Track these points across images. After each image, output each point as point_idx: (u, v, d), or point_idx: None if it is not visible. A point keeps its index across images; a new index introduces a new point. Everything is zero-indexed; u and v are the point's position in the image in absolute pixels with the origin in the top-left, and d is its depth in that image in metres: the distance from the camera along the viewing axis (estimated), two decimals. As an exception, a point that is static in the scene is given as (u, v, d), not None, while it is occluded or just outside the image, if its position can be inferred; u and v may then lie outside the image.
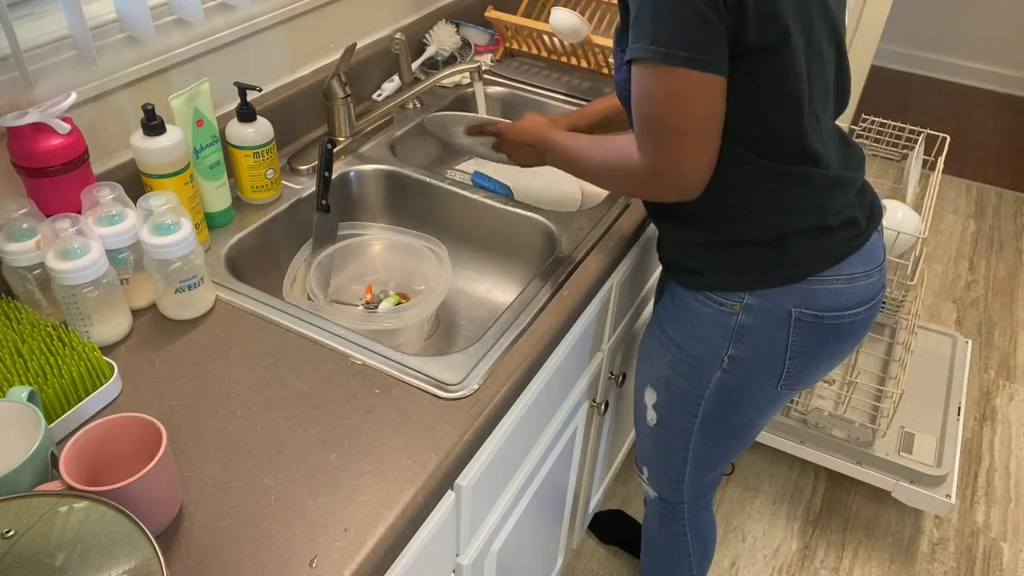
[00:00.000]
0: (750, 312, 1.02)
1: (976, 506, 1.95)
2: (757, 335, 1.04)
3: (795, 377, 1.08)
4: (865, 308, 1.05)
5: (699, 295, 1.06)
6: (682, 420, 1.16)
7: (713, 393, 1.10)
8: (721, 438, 1.17)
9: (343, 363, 0.90)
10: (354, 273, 1.20)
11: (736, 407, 1.12)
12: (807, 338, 1.03)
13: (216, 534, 0.72)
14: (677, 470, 1.24)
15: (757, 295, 1.01)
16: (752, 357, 1.06)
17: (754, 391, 1.10)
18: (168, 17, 1.07)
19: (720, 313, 1.04)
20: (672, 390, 1.14)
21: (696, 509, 1.33)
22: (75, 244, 0.83)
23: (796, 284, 1.00)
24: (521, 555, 1.24)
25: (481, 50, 1.62)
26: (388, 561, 0.74)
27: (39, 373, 0.79)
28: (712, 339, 1.06)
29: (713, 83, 0.86)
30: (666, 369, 1.13)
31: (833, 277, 1.01)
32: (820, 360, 1.08)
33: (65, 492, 0.65)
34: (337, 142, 1.28)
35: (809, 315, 1.02)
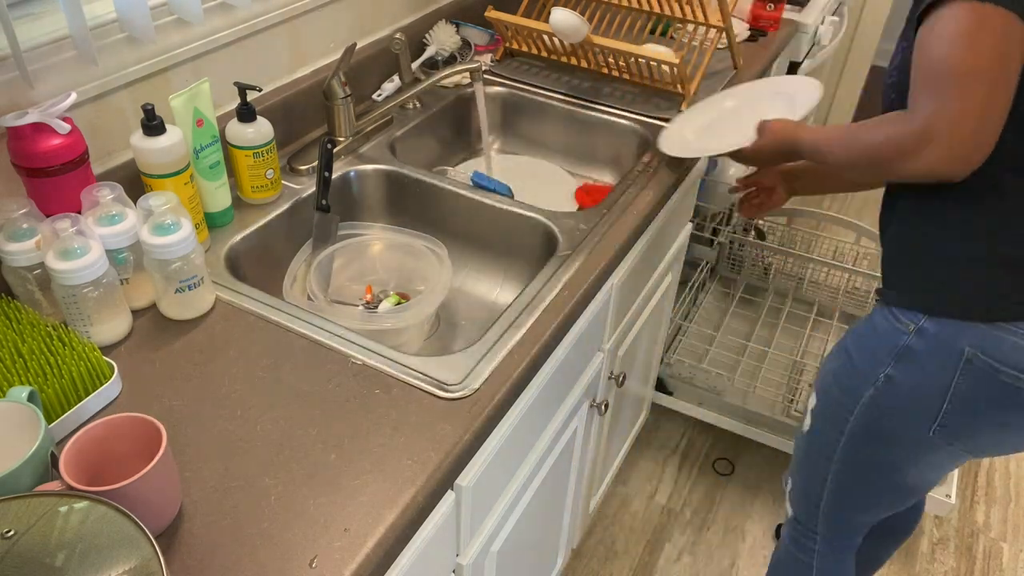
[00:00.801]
0: (922, 336, 0.96)
1: (976, 506, 1.95)
2: (922, 362, 0.96)
3: (954, 428, 0.98)
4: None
5: (884, 311, 1.01)
6: (830, 433, 1.10)
7: (863, 410, 1.04)
8: (864, 468, 1.10)
9: (343, 363, 0.90)
10: (354, 273, 1.20)
11: (883, 436, 1.05)
12: (975, 386, 0.94)
13: (216, 534, 0.72)
14: (815, 490, 1.18)
15: (935, 321, 0.94)
16: (909, 384, 0.98)
17: (904, 424, 1.02)
18: (168, 17, 1.07)
19: (894, 329, 0.99)
20: (829, 398, 1.10)
21: (830, 550, 1.24)
22: (75, 244, 0.83)
23: (979, 323, 0.91)
24: (521, 555, 1.24)
25: (481, 50, 1.62)
26: (388, 561, 0.74)
27: (39, 373, 0.79)
28: (877, 353, 1.01)
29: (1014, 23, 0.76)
30: (830, 376, 1.10)
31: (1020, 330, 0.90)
32: (986, 420, 0.97)
33: (65, 492, 0.65)
34: (337, 142, 1.28)
35: (984, 361, 0.92)
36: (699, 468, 2.02)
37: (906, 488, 1.10)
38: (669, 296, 1.71)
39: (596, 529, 1.86)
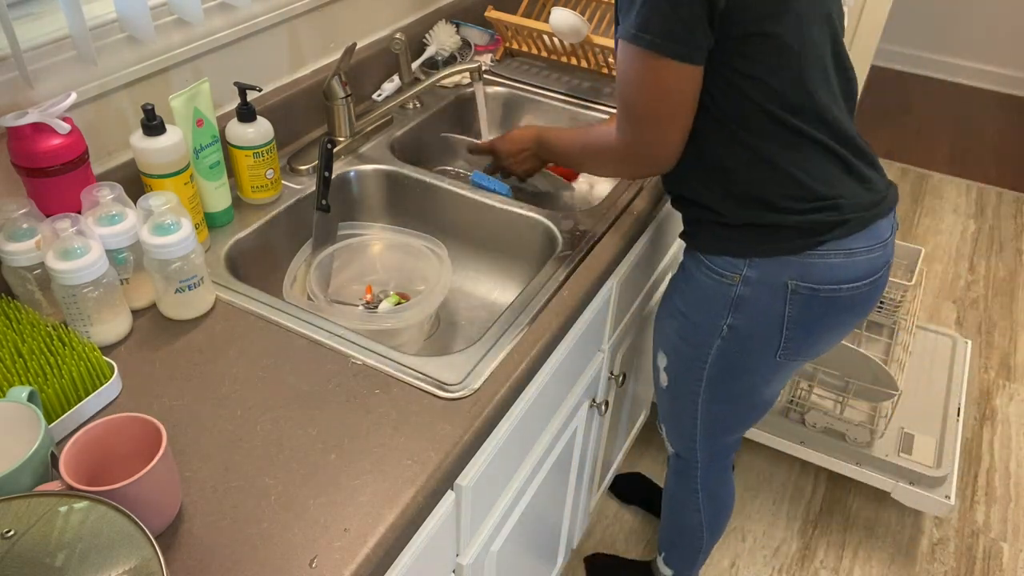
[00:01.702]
0: (748, 284, 1.06)
1: (976, 506, 1.95)
2: (754, 306, 1.08)
3: (795, 348, 1.11)
4: (865, 283, 1.06)
5: (703, 268, 1.10)
6: (689, 382, 1.21)
7: (715, 359, 1.15)
8: (728, 400, 1.22)
9: (343, 363, 0.90)
10: (354, 273, 1.20)
11: (738, 373, 1.16)
12: (804, 310, 1.06)
13: (216, 534, 0.72)
14: (688, 429, 1.30)
15: (755, 267, 1.05)
16: (750, 327, 1.10)
17: (754, 359, 1.13)
18: (168, 17, 1.07)
19: (720, 284, 1.08)
20: (679, 355, 1.20)
21: (709, 469, 1.38)
22: (75, 244, 0.83)
23: (792, 257, 1.03)
24: (521, 555, 1.24)
25: (481, 50, 1.62)
26: (388, 561, 0.74)
27: (39, 373, 0.79)
28: (713, 308, 1.11)
29: (688, 71, 0.92)
30: (674, 336, 1.20)
31: (831, 251, 1.03)
32: (819, 332, 1.10)
33: (65, 492, 0.65)
34: (337, 142, 1.28)
35: (805, 288, 1.04)
36: (699, 468, 2.02)
37: (764, 402, 1.25)
38: (669, 296, 1.71)
39: (596, 529, 1.86)
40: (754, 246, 1.04)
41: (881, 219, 1.06)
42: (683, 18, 0.88)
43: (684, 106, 0.96)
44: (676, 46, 0.90)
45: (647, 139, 1.00)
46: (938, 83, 3.83)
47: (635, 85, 0.95)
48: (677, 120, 0.97)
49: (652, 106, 0.96)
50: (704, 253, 1.10)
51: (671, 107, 0.96)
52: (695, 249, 1.12)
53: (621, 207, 1.21)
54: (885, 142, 3.36)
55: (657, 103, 0.95)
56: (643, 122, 0.98)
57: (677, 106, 0.95)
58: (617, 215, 1.19)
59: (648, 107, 0.96)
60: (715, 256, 1.09)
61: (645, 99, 0.96)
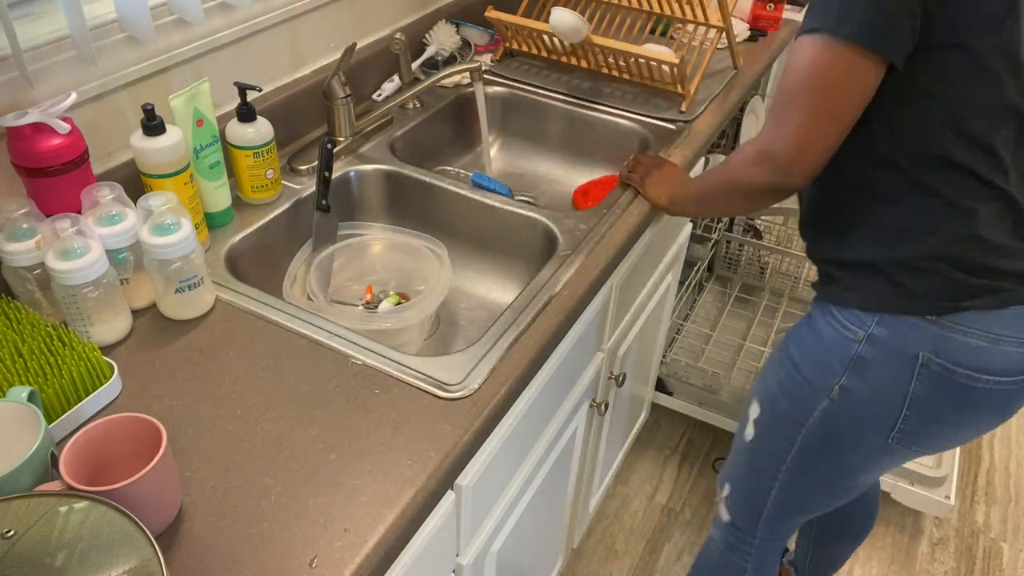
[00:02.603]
0: (874, 343, 0.94)
1: (976, 506, 1.95)
2: (876, 371, 0.95)
3: (912, 433, 0.97)
4: (1011, 380, 0.92)
5: (828, 316, 0.99)
6: (779, 444, 1.08)
7: (816, 423, 1.02)
8: (815, 478, 1.08)
9: (343, 363, 0.90)
10: (354, 273, 1.20)
11: (838, 446, 1.02)
12: (932, 390, 0.93)
13: (216, 534, 0.72)
14: (759, 498, 1.15)
15: (884, 325, 0.93)
16: (865, 394, 0.96)
17: (861, 434, 1.00)
18: (168, 17, 1.07)
19: (843, 338, 0.96)
20: (776, 409, 1.07)
21: (766, 549, 1.22)
22: (75, 244, 0.83)
23: (929, 324, 0.91)
24: (521, 555, 1.24)
25: (481, 50, 1.62)
26: (388, 561, 0.74)
27: (39, 373, 0.79)
28: (828, 364, 0.98)
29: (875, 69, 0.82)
30: (776, 387, 1.07)
31: (975, 330, 0.90)
32: (945, 422, 0.96)
33: (65, 492, 0.65)
34: (337, 142, 1.28)
35: (939, 364, 0.91)
36: (699, 468, 2.02)
37: (855, 488, 1.10)
38: (669, 296, 1.71)
39: (596, 529, 1.86)
40: (886, 299, 0.92)
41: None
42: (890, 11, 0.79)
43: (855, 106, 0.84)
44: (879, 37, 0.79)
45: (792, 137, 0.87)
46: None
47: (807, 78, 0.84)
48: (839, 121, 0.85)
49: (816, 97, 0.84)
50: (833, 302, 0.98)
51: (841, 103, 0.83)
52: (824, 298, 1.01)
53: (622, 207, 1.21)
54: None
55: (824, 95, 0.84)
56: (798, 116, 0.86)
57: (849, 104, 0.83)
58: (618, 215, 1.19)
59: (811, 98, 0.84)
60: (843, 308, 0.97)
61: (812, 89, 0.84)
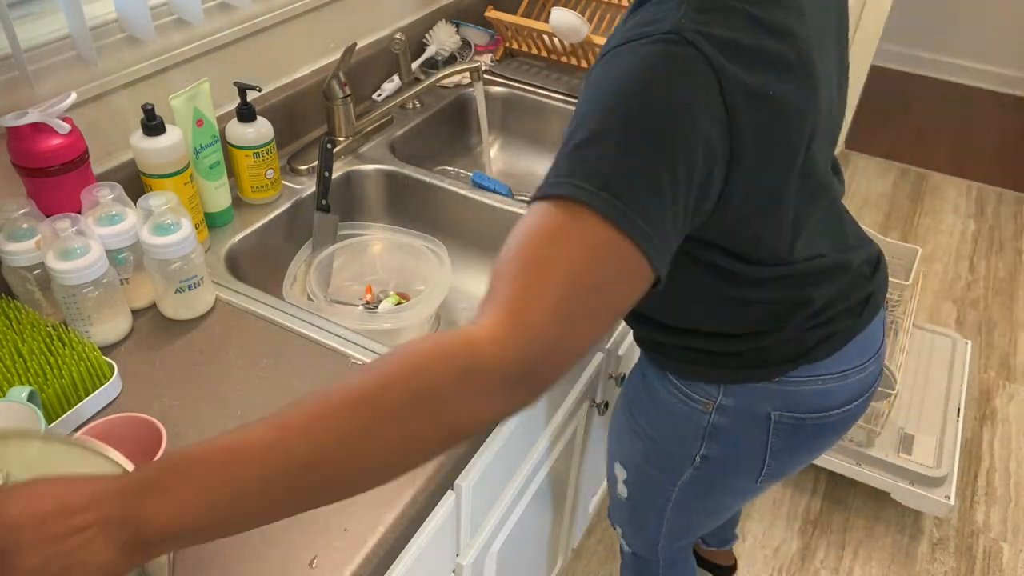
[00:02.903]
0: (724, 413, 0.93)
1: (976, 506, 1.95)
2: (732, 436, 0.95)
3: (777, 472, 1.01)
4: (856, 404, 0.95)
5: (670, 387, 0.96)
6: (655, 499, 1.10)
7: (686, 484, 1.04)
8: (697, 516, 1.12)
9: (343, 363, 0.90)
10: (354, 273, 1.20)
11: (711, 495, 1.06)
12: (789, 440, 0.95)
13: (216, 534, 0.72)
14: (651, 536, 1.19)
15: (730, 395, 0.92)
16: (727, 457, 0.98)
17: (730, 484, 1.03)
18: (168, 17, 1.07)
19: (692, 411, 0.95)
20: (644, 476, 1.09)
21: (673, 563, 1.29)
22: (75, 244, 0.83)
23: (774, 385, 0.90)
24: (521, 555, 1.24)
25: (481, 50, 1.62)
26: (388, 561, 0.74)
27: (39, 373, 0.79)
28: (684, 436, 0.98)
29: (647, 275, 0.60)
30: (638, 456, 1.07)
31: (819, 376, 0.90)
32: (802, 455, 1.00)
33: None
34: (337, 142, 1.28)
35: (790, 418, 0.92)
36: (699, 468, 2.02)
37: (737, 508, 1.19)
38: (669, 296, 1.71)
39: (596, 529, 1.86)
40: (727, 373, 0.91)
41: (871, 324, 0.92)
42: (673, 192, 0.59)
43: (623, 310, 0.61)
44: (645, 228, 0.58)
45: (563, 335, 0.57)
46: (938, 83, 3.83)
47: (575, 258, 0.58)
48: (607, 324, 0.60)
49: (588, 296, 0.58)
50: (672, 373, 0.95)
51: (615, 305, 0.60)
52: (660, 367, 0.96)
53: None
54: (885, 142, 3.36)
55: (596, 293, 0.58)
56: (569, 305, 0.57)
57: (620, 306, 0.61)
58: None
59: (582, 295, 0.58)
60: (684, 379, 0.94)
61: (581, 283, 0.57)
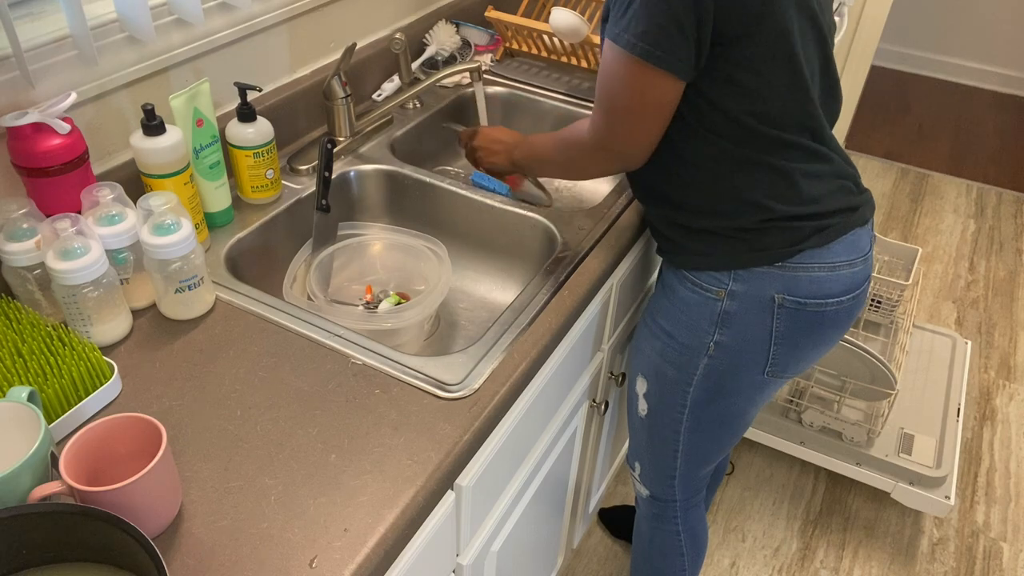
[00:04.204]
0: (734, 298, 1.05)
1: (976, 506, 1.95)
2: (742, 321, 1.06)
3: (781, 364, 1.10)
4: (848, 297, 1.06)
5: (687, 283, 1.09)
6: (672, 409, 1.18)
7: (701, 379, 1.13)
8: (711, 427, 1.19)
9: (343, 363, 0.90)
10: (354, 273, 1.20)
11: (724, 393, 1.14)
12: (791, 324, 1.06)
13: (216, 534, 0.72)
14: (668, 464, 1.25)
15: (740, 280, 1.04)
16: (737, 343, 1.08)
17: (741, 377, 1.12)
18: (168, 17, 1.07)
19: (705, 299, 1.07)
20: (662, 378, 1.17)
21: (688, 507, 1.33)
22: (75, 244, 0.83)
23: (776, 270, 1.03)
24: (521, 555, 1.24)
25: (481, 50, 1.62)
26: (388, 561, 0.74)
27: (39, 373, 0.79)
28: (699, 326, 1.09)
29: (670, 82, 0.93)
30: (656, 357, 1.16)
31: (815, 264, 1.03)
32: (805, 348, 1.10)
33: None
34: (337, 142, 1.28)
35: (792, 301, 1.04)
36: (699, 468, 2.02)
37: (744, 424, 1.22)
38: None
39: (596, 529, 1.86)
40: (737, 256, 1.03)
41: (859, 228, 1.05)
42: (672, 30, 0.89)
43: (661, 113, 0.97)
44: (663, 55, 0.90)
45: (619, 134, 1.00)
46: (938, 83, 3.83)
47: (615, 84, 0.96)
48: (651, 123, 0.98)
49: (629, 106, 0.97)
50: (687, 269, 1.09)
51: (648, 111, 0.97)
52: (677, 266, 1.11)
53: (621, 207, 1.21)
54: (885, 142, 3.36)
55: (634, 104, 0.96)
56: (617, 117, 0.99)
57: (654, 111, 0.96)
58: (617, 215, 1.19)
59: (625, 106, 0.97)
60: (698, 272, 1.07)
61: (623, 98, 0.97)
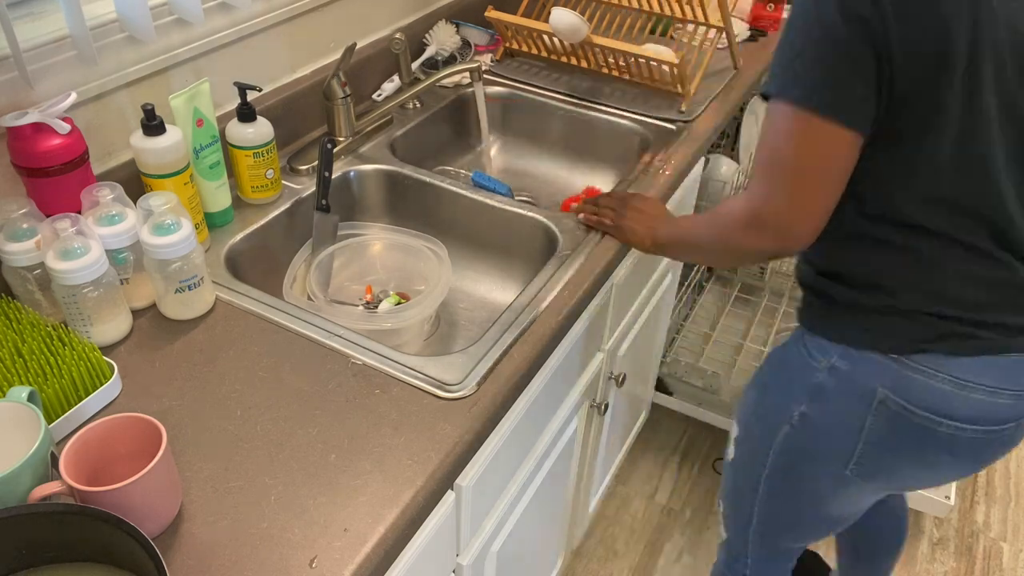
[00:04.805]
0: (834, 374, 0.94)
1: (976, 506, 1.95)
2: (834, 402, 0.95)
3: (870, 467, 0.97)
4: (978, 428, 0.90)
5: (799, 341, 1.00)
6: (753, 464, 1.10)
7: (780, 448, 1.04)
8: (788, 502, 1.09)
9: (343, 363, 0.90)
10: (354, 273, 1.20)
11: (802, 473, 1.04)
12: (889, 428, 0.92)
13: (216, 534, 0.72)
14: (745, 516, 1.16)
15: (847, 359, 0.93)
16: (823, 423, 0.97)
17: (821, 463, 1.01)
18: (168, 17, 1.07)
19: (806, 363, 0.97)
20: (749, 433, 1.10)
21: (762, 572, 1.23)
22: (75, 244, 0.83)
23: (891, 361, 0.90)
24: (521, 555, 1.24)
25: (481, 50, 1.62)
26: (388, 561, 0.74)
27: (39, 373, 0.79)
28: (790, 389, 1.00)
29: (845, 138, 0.82)
30: (750, 407, 1.10)
31: (937, 372, 0.89)
32: (904, 460, 0.95)
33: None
34: (337, 142, 1.28)
35: (896, 403, 0.91)
36: (699, 468, 2.02)
37: (831, 518, 1.10)
38: (669, 296, 1.71)
39: (596, 529, 1.86)
40: (853, 335, 0.92)
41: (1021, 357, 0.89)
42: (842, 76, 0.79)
43: (834, 173, 0.84)
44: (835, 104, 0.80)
45: (780, 202, 0.86)
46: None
47: (779, 142, 0.84)
48: (820, 188, 0.85)
49: (796, 167, 0.84)
50: (804, 326, 1.00)
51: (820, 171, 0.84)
52: (801, 322, 1.01)
53: (621, 207, 1.20)
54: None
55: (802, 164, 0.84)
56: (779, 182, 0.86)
57: (826, 171, 0.84)
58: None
59: (792, 167, 0.85)
60: (811, 334, 0.98)
61: (789, 158, 0.84)
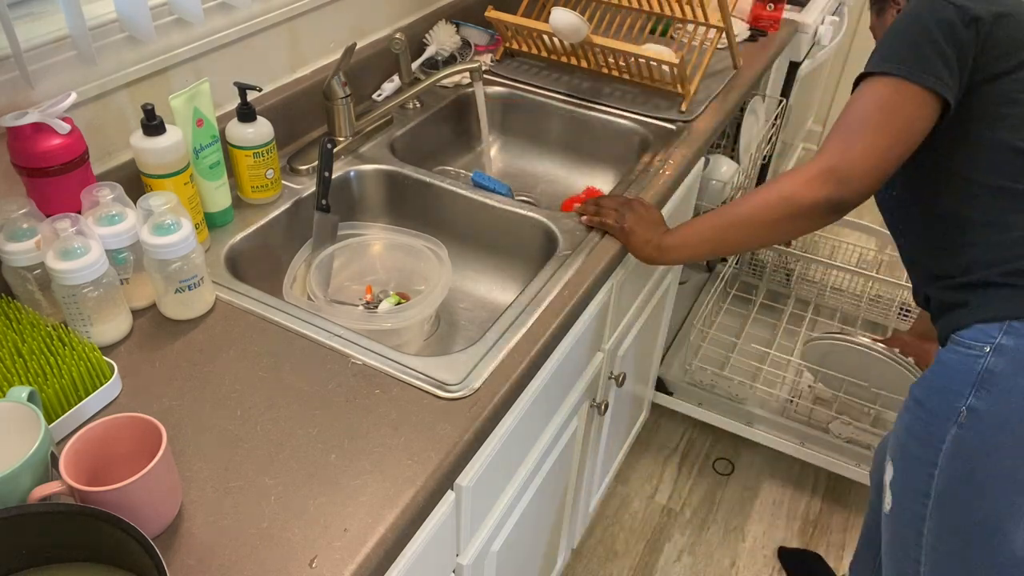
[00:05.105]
0: (1002, 354, 0.85)
1: None
2: (1007, 384, 0.85)
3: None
4: None
5: (950, 345, 0.93)
6: (915, 500, 0.96)
7: (948, 457, 0.90)
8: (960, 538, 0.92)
9: (343, 363, 0.90)
10: (354, 273, 1.20)
11: (976, 486, 0.89)
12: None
13: (216, 534, 0.72)
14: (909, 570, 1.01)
15: (1013, 334, 0.85)
16: (998, 412, 0.86)
17: (999, 461, 0.87)
18: (168, 17, 1.07)
19: (965, 357, 0.89)
20: (906, 457, 0.97)
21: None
22: (75, 244, 0.83)
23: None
24: (521, 555, 1.24)
25: (481, 50, 1.62)
26: (388, 561, 0.74)
27: (39, 373, 0.79)
28: (951, 387, 0.90)
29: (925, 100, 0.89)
30: (903, 434, 0.98)
31: None
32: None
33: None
34: (337, 142, 1.28)
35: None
36: (699, 468, 2.02)
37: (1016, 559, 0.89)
38: (669, 296, 1.71)
39: (596, 529, 1.86)
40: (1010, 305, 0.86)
41: None
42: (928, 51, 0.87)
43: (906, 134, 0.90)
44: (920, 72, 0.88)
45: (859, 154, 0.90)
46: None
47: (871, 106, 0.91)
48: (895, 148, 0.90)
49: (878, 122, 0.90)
50: (954, 329, 0.93)
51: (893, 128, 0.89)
52: (946, 332, 0.95)
53: (621, 207, 1.20)
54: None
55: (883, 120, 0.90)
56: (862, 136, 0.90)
57: (903, 132, 0.89)
58: (617, 215, 1.18)
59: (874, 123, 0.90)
60: (965, 329, 0.91)
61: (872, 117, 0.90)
